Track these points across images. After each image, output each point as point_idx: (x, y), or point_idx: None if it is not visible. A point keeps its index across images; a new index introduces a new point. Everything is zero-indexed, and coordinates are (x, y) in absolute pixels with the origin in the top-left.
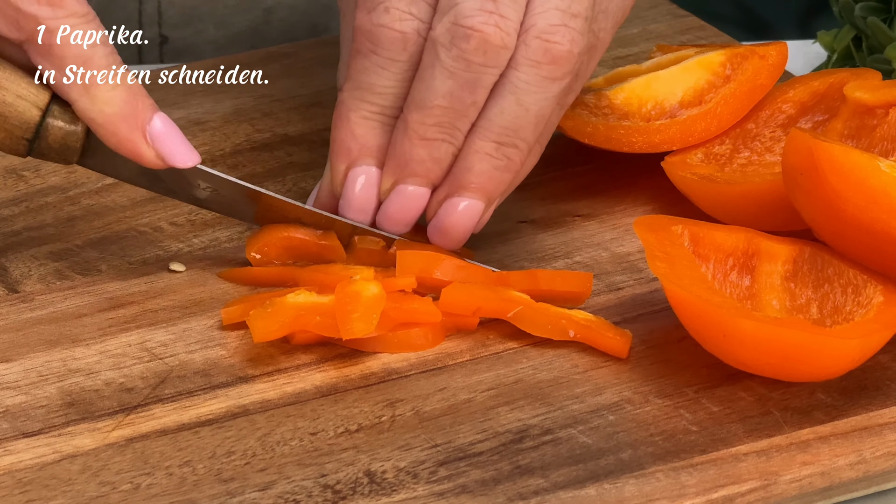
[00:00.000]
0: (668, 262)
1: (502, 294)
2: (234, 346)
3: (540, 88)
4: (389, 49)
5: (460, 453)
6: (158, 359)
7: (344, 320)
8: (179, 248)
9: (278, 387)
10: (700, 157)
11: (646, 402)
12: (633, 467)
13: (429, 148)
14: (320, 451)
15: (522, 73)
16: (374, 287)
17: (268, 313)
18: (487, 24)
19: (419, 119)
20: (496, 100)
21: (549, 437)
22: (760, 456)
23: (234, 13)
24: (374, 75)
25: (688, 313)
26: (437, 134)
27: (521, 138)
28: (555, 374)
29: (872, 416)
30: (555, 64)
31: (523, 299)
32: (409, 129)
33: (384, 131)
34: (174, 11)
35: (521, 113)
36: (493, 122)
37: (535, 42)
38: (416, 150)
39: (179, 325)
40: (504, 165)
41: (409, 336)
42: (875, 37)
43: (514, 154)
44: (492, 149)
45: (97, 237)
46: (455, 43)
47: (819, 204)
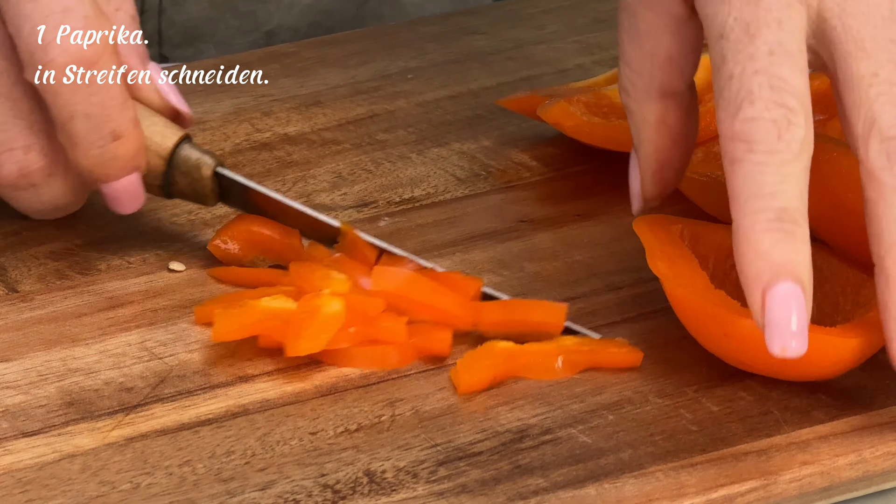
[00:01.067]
0: (668, 261)
1: (507, 354)
2: (234, 346)
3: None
4: (765, 141)
5: (460, 453)
6: (158, 358)
7: (293, 336)
8: (179, 248)
9: (278, 386)
10: (700, 156)
11: (646, 402)
12: (633, 467)
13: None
14: (320, 451)
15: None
16: (337, 304)
17: (232, 314)
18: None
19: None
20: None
21: (548, 436)
22: (760, 455)
23: (236, 35)
24: (759, 177)
25: (688, 313)
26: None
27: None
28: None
29: (872, 416)
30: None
31: (523, 350)
32: (890, 279)
33: (792, 241)
34: (174, 32)
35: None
36: None
37: None
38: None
39: (179, 324)
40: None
41: (375, 353)
42: None
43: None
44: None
45: (97, 237)
46: (893, 160)
47: (819, 204)
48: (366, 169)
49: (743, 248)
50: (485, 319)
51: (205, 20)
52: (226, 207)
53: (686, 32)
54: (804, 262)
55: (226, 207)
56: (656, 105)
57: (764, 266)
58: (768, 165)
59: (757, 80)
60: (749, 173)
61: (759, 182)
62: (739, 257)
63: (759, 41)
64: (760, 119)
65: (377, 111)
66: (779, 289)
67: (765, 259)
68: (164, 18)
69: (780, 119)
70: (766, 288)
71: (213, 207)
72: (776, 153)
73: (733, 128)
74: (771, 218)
